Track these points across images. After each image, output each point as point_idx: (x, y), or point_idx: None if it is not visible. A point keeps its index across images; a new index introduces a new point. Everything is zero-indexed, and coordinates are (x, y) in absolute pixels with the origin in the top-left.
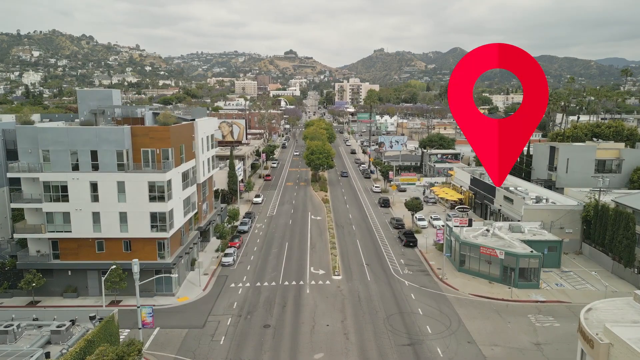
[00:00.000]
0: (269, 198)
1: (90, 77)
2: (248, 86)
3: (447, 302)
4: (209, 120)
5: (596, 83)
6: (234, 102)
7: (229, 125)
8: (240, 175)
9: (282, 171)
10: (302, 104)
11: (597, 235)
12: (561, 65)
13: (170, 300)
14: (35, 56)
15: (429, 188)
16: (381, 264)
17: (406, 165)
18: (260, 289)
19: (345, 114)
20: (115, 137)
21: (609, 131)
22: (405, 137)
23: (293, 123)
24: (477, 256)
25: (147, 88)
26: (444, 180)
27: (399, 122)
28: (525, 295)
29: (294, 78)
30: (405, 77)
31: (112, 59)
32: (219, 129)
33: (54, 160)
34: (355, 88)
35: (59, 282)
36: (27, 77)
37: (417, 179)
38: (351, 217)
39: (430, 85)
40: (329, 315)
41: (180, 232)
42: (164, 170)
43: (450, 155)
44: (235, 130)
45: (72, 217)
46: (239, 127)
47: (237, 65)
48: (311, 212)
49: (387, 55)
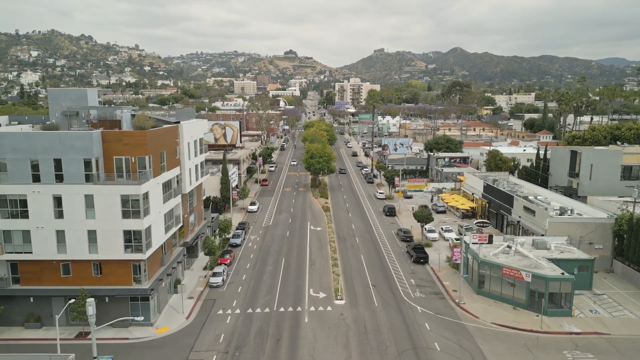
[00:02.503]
0: (265, 206)
1: (89, 77)
2: (247, 86)
3: (467, 333)
4: (198, 122)
5: (598, 83)
6: (232, 102)
7: (221, 128)
8: (234, 181)
9: (280, 175)
10: (301, 104)
11: (631, 252)
12: (562, 65)
13: (147, 332)
14: (33, 56)
15: (437, 194)
16: (389, 285)
17: (411, 169)
18: (251, 316)
19: (346, 114)
20: (82, 144)
21: (629, 134)
22: (410, 140)
23: (292, 124)
24: (499, 277)
25: (145, 88)
26: (453, 186)
27: (402, 123)
28: (557, 325)
29: (294, 78)
30: (406, 77)
31: (111, 59)
32: (210, 132)
33: (11, 170)
34: (356, 88)
35: (20, 311)
36: (25, 77)
37: (425, 185)
38: (354, 227)
39: (432, 85)
40: (330, 352)
41: (160, 251)
42: (139, 182)
43: (459, 158)
44: (228, 133)
45: (32, 236)
46: (233, 129)
47: (237, 65)
48: (310, 221)
49: (387, 55)
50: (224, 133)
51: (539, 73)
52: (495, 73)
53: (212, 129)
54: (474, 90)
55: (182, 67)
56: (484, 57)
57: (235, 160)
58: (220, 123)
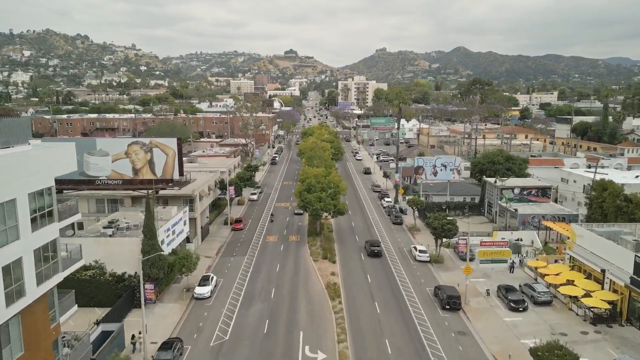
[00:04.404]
0: (228, 283)
1: (82, 77)
2: (244, 85)
3: None
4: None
5: (608, 82)
6: (221, 102)
7: (145, 151)
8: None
9: (264, 207)
10: (300, 105)
11: None
12: (568, 64)
13: None
14: (26, 56)
15: (522, 256)
16: None
17: (456, 202)
18: None
19: (351, 116)
20: None
21: None
22: (459, 160)
23: (288, 129)
24: None
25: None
26: (535, 237)
27: (420, 128)
28: None
29: (294, 78)
30: (409, 77)
31: (107, 59)
32: (125, 157)
33: None
34: (362, 87)
35: None
36: (16, 77)
37: (509, 254)
38: (390, 345)
39: (439, 84)
40: None
41: None
42: None
43: (536, 189)
44: (158, 160)
45: None
46: (166, 152)
47: (237, 65)
48: (304, 329)
49: (389, 55)
50: (150, 159)
51: (545, 72)
52: (501, 72)
53: (128, 153)
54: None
55: (181, 67)
56: (488, 57)
57: (185, 197)
58: (144, 142)
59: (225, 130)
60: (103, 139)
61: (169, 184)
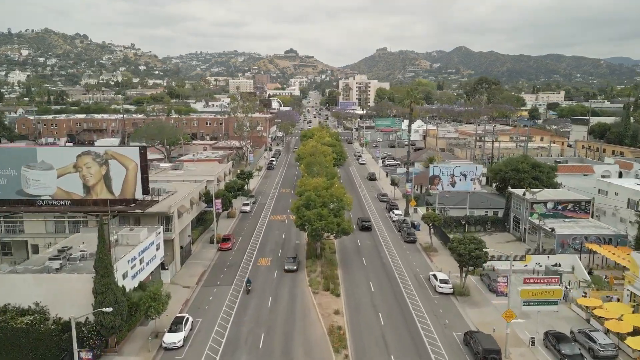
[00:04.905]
0: (208, 323)
1: (80, 77)
2: (243, 85)
3: None
4: None
5: (609, 82)
6: (218, 102)
7: (99, 163)
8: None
9: (257, 222)
10: (300, 105)
11: None
12: (569, 64)
13: None
14: (24, 55)
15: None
16: None
17: (477, 216)
18: None
19: (353, 117)
20: None
21: None
22: (480, 168)
23: (287, 130)
24: None
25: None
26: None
27: (426, 129)
28: None
29: (295, 77)
30: (410, 77)
31: (106, 58)
32: (74, 171)
33: None
34: (363, 86)
35: None
36: (13, 77)
37: (560, 293)
38: None
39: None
40: None
41: None
42: None
43: (574, 204)
44: (115, 174)
45: None
46: (126, 166)
47: (237, 65)
48: None
49: (390, 55)
50: (105, 174)
51: (546, 72)
52: (502, 72)
53: (78, 166)
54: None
55: (181, 67)
56: (489, 56)
57: (161, 214)
58: (97, 152)
59: (220, 131)
60: (46, 148)
61: (130, 205)
